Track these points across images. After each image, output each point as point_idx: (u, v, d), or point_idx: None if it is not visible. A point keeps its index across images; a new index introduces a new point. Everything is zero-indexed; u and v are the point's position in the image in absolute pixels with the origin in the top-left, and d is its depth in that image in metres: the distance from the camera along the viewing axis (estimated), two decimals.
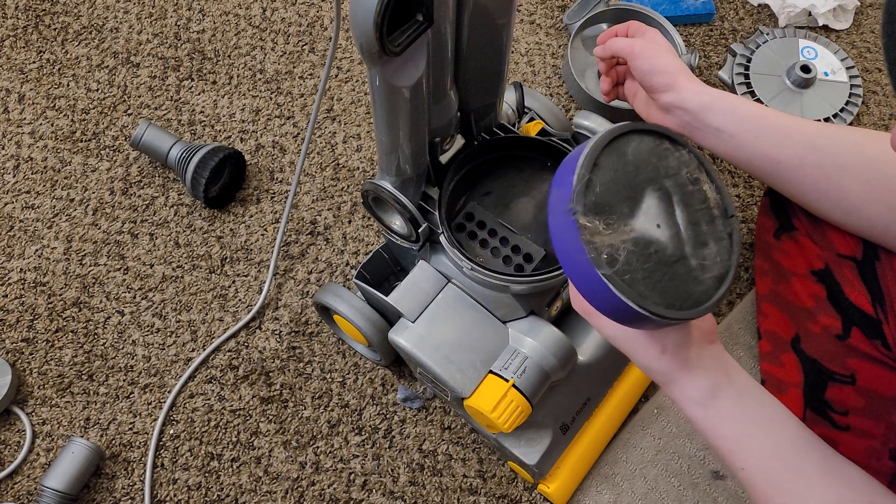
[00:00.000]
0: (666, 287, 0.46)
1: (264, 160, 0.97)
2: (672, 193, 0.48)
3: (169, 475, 0.81)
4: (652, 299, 0.45)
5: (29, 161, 0.96)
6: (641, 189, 0.47)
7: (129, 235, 0.92)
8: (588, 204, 0.45)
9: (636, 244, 0.46)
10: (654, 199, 0.47)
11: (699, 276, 0.47)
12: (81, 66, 1.03)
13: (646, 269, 0.46)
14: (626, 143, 0.48)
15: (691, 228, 0.48)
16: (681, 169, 0.49)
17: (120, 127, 0.98)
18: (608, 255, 0.45)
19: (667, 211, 0.47)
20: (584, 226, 0.45)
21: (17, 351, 0.86)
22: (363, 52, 0.49)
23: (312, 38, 1.05)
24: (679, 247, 0.47)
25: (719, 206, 0.49)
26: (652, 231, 0.46)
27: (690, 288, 0.47)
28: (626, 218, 0.46)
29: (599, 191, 0.46)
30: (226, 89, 1.01)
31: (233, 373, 0.85)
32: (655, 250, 0.46)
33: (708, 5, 1.06)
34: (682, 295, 0.46)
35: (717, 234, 0.48)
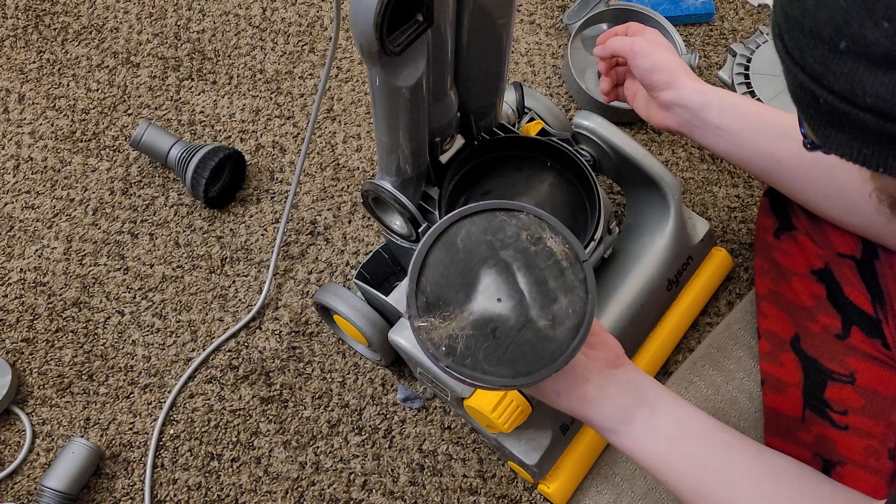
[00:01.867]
0: (513, 356, 0.48)
1: (264, 160, 0.97)
2: (512, 262, 0.50)
3: (169, 475, 0.81)
4: (497, 373, 0.48)
5: (29, 161, 0.96)
6: (476, 271, 0.49)
7: (129, 235, 0.92)
8: (421, 306, 0.49)
9: (475, 327, 0.48)
10: (492, 275, 0.49)
11: (550, 334, 0.49)
12: (81, 66, 1.03)
13: (486, 347, 0.48)
14: (455, 233, 0.50)
15: (536, 290, 0.49)
16: (520, 234, 0.50)
17: (120, 127, 0.99)
18: (447, 347, 0.48)
19: (507, 282, 0.49)
20: (420, 327, 0.48)
21: (17, 351, 0.86)
22: (363, 52, 0.49)
23: (312, 38, 1.05)
24: (522, 313, 0.49)
25: (568, 255, 0.50)
26: (492, 308, 0.49)
27: (541, 348, 0.48)
28: (464, 304, 0.49)
29: (430, 290, 0.49)
30: (226, 89, 1.01)
31: (233, 373, 0.85)
32: (495, 326, 0.48)
33: (708, 5, 1.06)
34: (532, 358, 0.48)
35: (567, 286, 0.49)
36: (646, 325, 0.81)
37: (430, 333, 0.48)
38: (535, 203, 0.71)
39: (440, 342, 0.48)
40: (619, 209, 0.92)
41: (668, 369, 0.85)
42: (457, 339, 0.48)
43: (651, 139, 0.98)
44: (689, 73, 0.70)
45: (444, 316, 0.48)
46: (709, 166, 0.97)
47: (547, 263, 0.50)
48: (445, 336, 0.48)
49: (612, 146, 0.76)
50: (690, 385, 0.84)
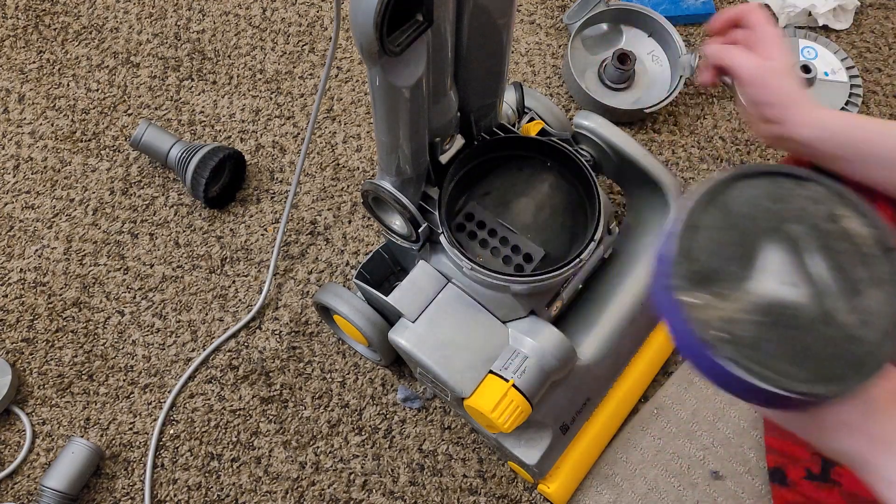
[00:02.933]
0: (813, 355, 0.38)
1: (264, 160, 0.97)
2: (801, 240, 0.40)
3: (169, 475, 0.81)
4: (797, 376, 0.37)
5: (29, 161, 0.96)
6: (757, 244, 0.40)
7: (129, 235, 0.92)
8: (689, 276, 0.39)
9: (761, 311, 0.39)
10: (777, 251, 0.40)
11: (858, 334, 0.39)
12: (81, 66, 1.03)
13: (780, 339, 0.38)
14: (732, 194, 0.41)
15: (836, 277, 0.40)
16: (810, 208, 0.41)
17: (120, 127, 0.98)
18: (726, 333, 0.38)
19: (796, 263, 0.40)
20: (688, 303, 0.38)
21: (17, 351, 0.86)
22: (363, 52, 0.49)
23: (312, 38, 1.05)
24: (821, 304, 0.39)
25: (873, 242, 0.41)
26: (779, 291, 0.39)
27: (848, 350, 0.38)
28: (742, 282, 0.39)
29: (702, 258, 0.39)
30: (226, 89, 1.01)
31: (233, 373, 0.85)
32: (789, 314, 0.39)
33: (708, 5, 1.06)
34: (837, 361, 0.38)
35: (874, 278, 0.40)
36: (646, 325, 0.81)
37: (703, 313, 0.38)
38: (534, 203, 0.71)
39: (714, 325, 0.38)
40: (619, 209, 0.92)
41: (668, 369, 0.85)
42: (738, 324, 0.38)
43: (651, 139, 0.99)
44: (805, 103, 0.61)
45: (717, 293, 0.39)
46: (709, 166, 0.97)
47: (845, 247, 0.40)
48: (722, 319, 0.38)
49: (612, 146, 0.75)
50: (691, 385, 0.84)
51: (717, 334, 0.38)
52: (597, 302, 0.79)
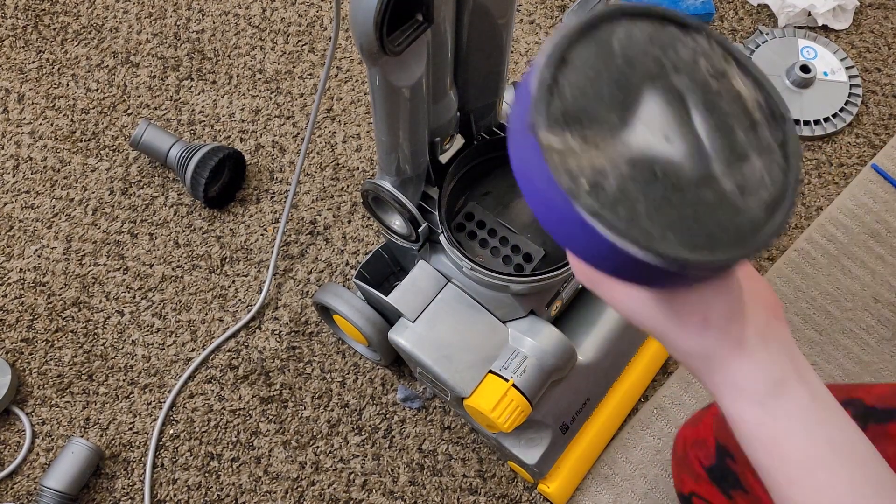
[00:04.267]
0: (687, 221, 0.33)
1: (264, 160, 0.96)
2: (686, 94, 0.35)
3: (169, 475, 0.80)
4: (666, 240, 0.32)
5: (28, 161, 0.96)
6: (637, 91, 0.34)
7: (129, 235, 0.92)
8: (554, 114, 0.32)
9: (633, 165, 0.33)
10: (659, 103, 0.34)
11: (739, 204, 0.34)
12: (81, 66, 1.02)
13: (651, 198, 0.33)
14: (612, 31, 0.36)
15: (720, 138, 0.34)
16: (698, 61, 0.36)
17: (119, 127, 0.98)
18: (590, 182, 0.32)
19: (679, 117, 0.34)
20: (550, 146, 0.32)
21: (17, 351, 0.86)
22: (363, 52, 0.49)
23: (312, 37, 1.05)
24: (702, 164, 0.34)
25: (762, 107, 0.36)
26: (657, 146, 0.34)
27: (727, 219, 0.33)
28: (616, 130, 0.33)
29: (571, 96, 0.33)
30: (225, 89, 1.01)
31: (232, 373, 0.85)
32: (664, 172, 0.33)
33: (708, 5, 1.06)
34: (714, 229, 0.33)
35: (761, 145, 0.35)
36: None
37: (564, 158, 0.32)
38: None
39: (579, 173, 0.32)
40: None
41: (668, 369, 0.85)
42: (606, 175, 0.32)
43: None
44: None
45: (586, 138, 0.33)
46: None
47: (732, 109, 0.35)
48: (588, 167, 0.32)
49: None
50: (689, 386, 0.84)
51: (580, 183, 0.32)
52: (597, 302, 0.79)
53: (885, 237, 0.94)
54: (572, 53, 0.34)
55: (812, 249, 0.93)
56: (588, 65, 0.34)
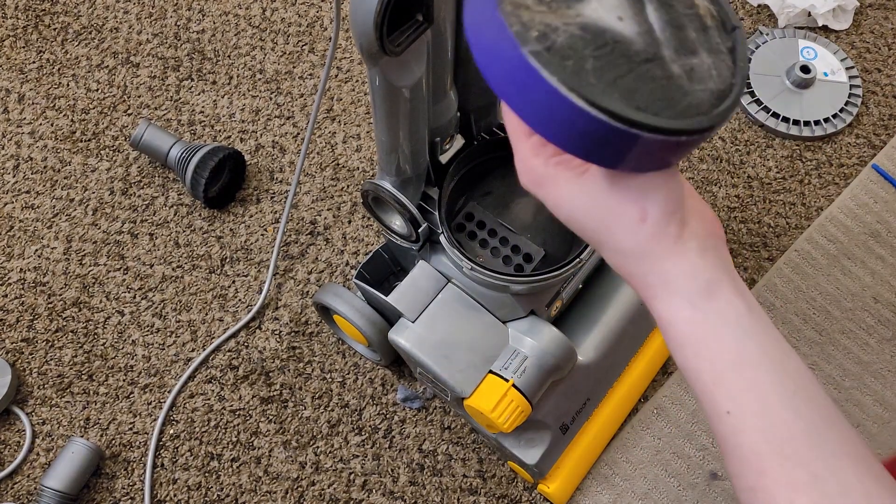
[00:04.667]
0: (632, 86, 0.33)
1: (264, 160, 0.97)
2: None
3: (169, 475, 0.81)
4: (611, 97, 0.32)
5: (29, 161, 0.96)
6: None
7: (129, 235, 0.92)
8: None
9: (584, 30, 0.33)
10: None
11: (685, 86, 0.34)
12: (81, 66, 1.03)
13: (600, 59, 0.33)
14: None
15: (672, 31, 0.35)
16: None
17: (120, 127, 0.98)
18: (539, 32, 0.32)
19: (633, 5, 0.35)
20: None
21: (17, 351, 0.86)
22: (363, 53, 0.49)
23: (312, 38, 1.05)
24: (653, 47, 0.34)
25: (714, 15, 0.37)
26: (609, 21, 0.34)
27: (672, 96, 0.34)
28: (571, 1, 0.34)
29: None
30: (226, 89, 1.01)
31: (233, 373, 0.85)
32: (615, 41, 0.34)
33: None
34: (660, 100, 0.33)
35: (710, 46, 0.36)
36: (646, 324, 0.81)
37: (517, 10, 0.33)
38: (534, 204, 0.71)
39: (530, 24, 0.32)
40: None
41: (668, 369, 0.85)
42: (556, 30, 0.33)
43: None
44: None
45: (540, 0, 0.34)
46: (708, 166, 0.97)
47: (686, 11, 0.37)
48: (540, 22, 0.33)
49: None
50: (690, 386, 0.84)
51: (530, 31, 0.32)
52: (597, 302, 0.79)
53: (885, 237, 0.94)
54: None
55: (812, 249, 0.93)
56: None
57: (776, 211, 0.95)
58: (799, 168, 0.98)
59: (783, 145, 0.99)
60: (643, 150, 0.33)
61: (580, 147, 0.33)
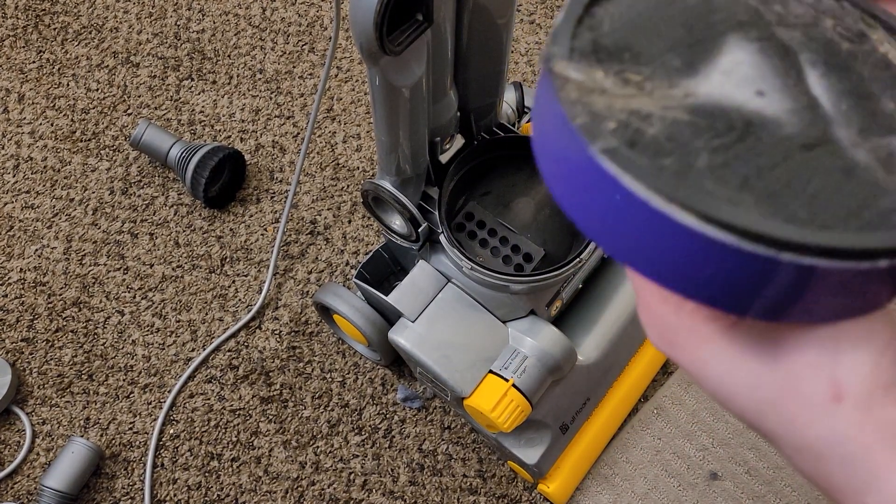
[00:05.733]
0: (780, 186, 0.21)
1: (264, 160, 0.97)
2: (797, 49, 0.25)
3: (169, 475, 0.81)
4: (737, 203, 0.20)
5: (29, 161, 0.96)
6: (717, 35, 0.24)
7: (129, 235, 0.92)
8: (581, 46, 0.24)
9: (696, 113, 0.22)
10: (750, 52, 0.24)
11: (880, 180, 0.22)
12: (81, 66, 1.03)
13: (719, 149, 0.22)
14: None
15: (853, 102, 0.24)
16: (819, 18, 0.26)
17: (120, 127, 0.98)
18: (618, 123, 0.22)
19: (784, 72, 0.24)
20: (566, 77, 0.23)
21: (17, 350, 0.86)
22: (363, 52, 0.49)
23: (312, 37, 1.05)
24: (816, 125, 0.23)
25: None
26: (741, 98, 0.23)
27: (857, 195, 0.21)
28: (676, 75, 0.23)
29: (611, 28, 0.24)
30: (226, 89, 1.01)
31: (233, 372, 0.85)
32: (747, 123, 0.22)
33: None
34: (832, 204, 0.21)
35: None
36: None
37: (587, 95, 0.22)
38: (534, 203, 0.71)
39: (606, 114, 0.22)
40: None
41: (668, 369, 0.85)
42: (648, 119, 0.22)
43: None
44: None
45: (626, 79, 0.23)
46: None
47: (874, 73, 0.25)
48: (622, 109, 0.22)
49: None
50: (690, 386, 0.84)
51: (606, 123, 0.22)
52: (597, 302, 0.79)
53: None
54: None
55: None
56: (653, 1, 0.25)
57: None
58: None
59: None
60: (814, 287, 0.21)
61: (703, 291, 0.21)
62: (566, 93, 0.22)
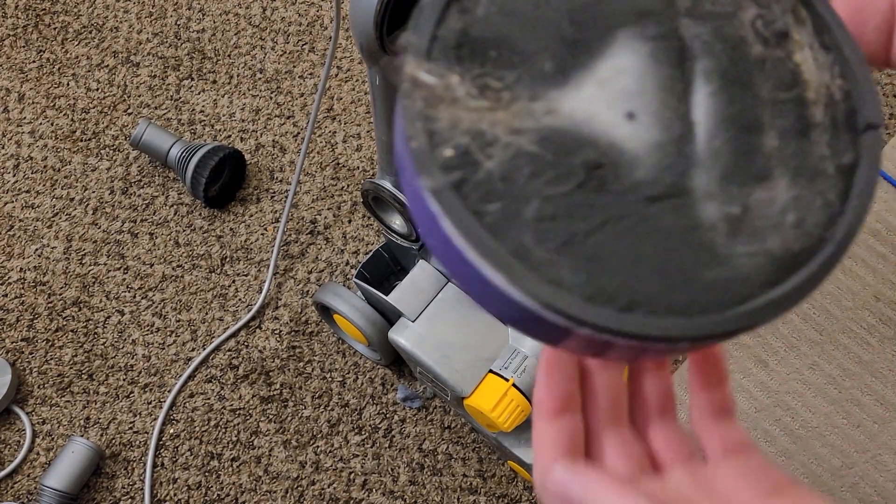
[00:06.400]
0: (605, 250, 0.20)
1: (264, 159, 0.96)
2: (697, 52, 0.21)
3: (169, 474, 0.81)
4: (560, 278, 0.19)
5: (29, 160, 0.96)
6: (606, 31, 0.21)
7: (129, 235, 0.92)
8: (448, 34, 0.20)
9: (546, 142, 0.20)
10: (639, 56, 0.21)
11: (719, 245, 0.20)
12: (81, 66, 1.02)
13: (553, 198, 0.20)
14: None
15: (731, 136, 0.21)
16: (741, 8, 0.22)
17: (120, 126, 0.98)
18: (456, 150, 0.19)
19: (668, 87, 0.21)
20: (416, 78, 0.20)
21: (17, 350, 0.86)
22: (363, 52, 0.49)
23: (312, 37, 1.05)
24: (675, 168, 0.20)
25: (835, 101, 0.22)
26: (606, 122, 0.20)
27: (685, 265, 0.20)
28: (543, 84, 0.20)
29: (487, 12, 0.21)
30: (226, 89, 1.01)
31: (233, 372, 0.85)
32: (596, 163, 0.20)
33: None
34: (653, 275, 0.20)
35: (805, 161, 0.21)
36: None
37: (433, 102, 0.20)
38: None
39: (447, 130, 0.20)
40: None
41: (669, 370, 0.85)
42: (492, 145, 0.20)
43: None
44: None
45: (484, 85, 0.20)
46: None
47: (776, 94, 0.21)
48: (468, 126, 0.20)
49: None
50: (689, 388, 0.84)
51: (439, 144, 0.19)
52: None
53: (885, 236, 0.94)
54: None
55: None
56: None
57: None
58: None
59: None
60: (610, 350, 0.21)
61: (511, 323, 0.22)
62: (411, 102, 0.20)
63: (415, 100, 0.20)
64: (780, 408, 0.84)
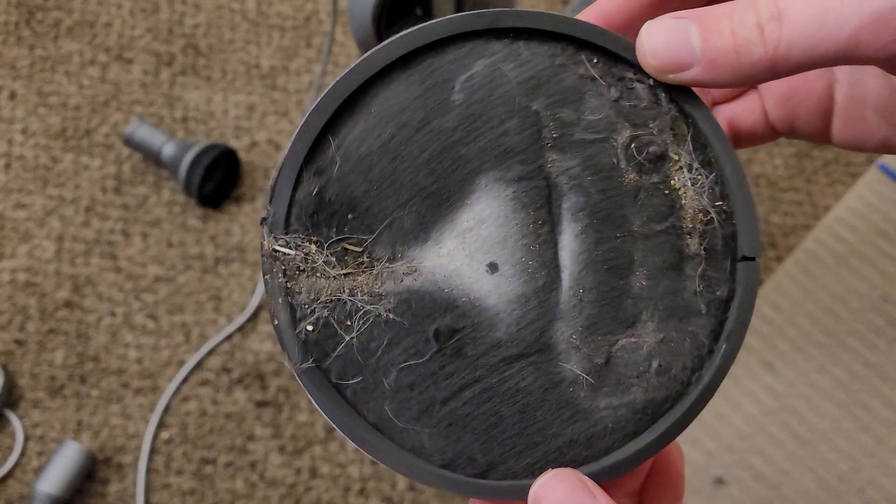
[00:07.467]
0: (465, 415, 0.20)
1: (259, 158, 0.95)
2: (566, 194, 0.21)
3: (162, 480, 0.79)
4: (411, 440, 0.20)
5: (20, 159, 0.95)
6: (468, 175, 0.20)
7: (122, 235, 0.90)
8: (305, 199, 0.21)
9: (403, 306, 0.20)
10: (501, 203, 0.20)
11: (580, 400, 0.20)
12: (73, 63, 1.01)
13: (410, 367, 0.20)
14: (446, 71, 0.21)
15: (598, 277, 0.20)
16: (616, 124, 0.21)
17: (112, 124, 0.97)
18: (314, 324, 0.21)
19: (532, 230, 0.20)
20: (274, 256, 0.21)
21: (8, 353, 0.84)
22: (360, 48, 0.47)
23: (308, 32, 1.03)
24: (538, 320, 0.20)
25: (713, 229, 0.21)
26: (465, 275, 0.20)
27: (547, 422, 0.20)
28: (404, 243, 0.20)
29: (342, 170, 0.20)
30: (220, 85, 0.99)
31: (227, 376, 0.83)
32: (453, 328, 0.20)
33: None
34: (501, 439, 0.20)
35: (678, 300, 0.21)
36: None
37: (292, 279, 0.21)
38: None
39: (307, 309, 0.21)
40: None
41: None
42: (352, 317, 0.20)
43: None
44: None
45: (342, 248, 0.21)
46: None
47: (646, 228, 0.21)
48: (327, 300, 0.20)
49: None
50: None
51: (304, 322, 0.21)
52: None
53: (893, 236, 0.93)
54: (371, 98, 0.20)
55: (820, 249, 0.91)
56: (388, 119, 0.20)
57: (783, 210, 0.94)
58: (806, 166, 0.96)
59: (790, 143, 0.98)
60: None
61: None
62: (272, 277, 0.21)
63: (276, 275, 0.21)
64: (787, 411, 0.82)
